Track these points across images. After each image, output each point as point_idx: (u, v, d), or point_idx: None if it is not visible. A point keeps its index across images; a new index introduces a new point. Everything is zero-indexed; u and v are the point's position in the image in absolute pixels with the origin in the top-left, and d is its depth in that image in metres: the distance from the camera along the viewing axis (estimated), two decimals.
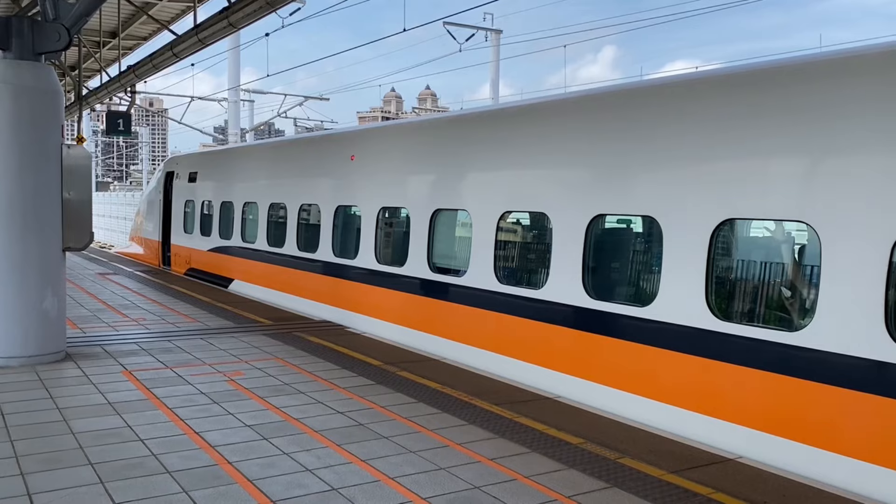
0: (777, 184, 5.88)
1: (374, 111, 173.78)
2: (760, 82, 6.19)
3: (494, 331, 8.60)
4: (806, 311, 5.76)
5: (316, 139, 15.10)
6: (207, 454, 5.44)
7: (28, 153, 7.99)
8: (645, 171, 7.02)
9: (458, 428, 6.18)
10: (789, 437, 5.62)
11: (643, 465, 5.42)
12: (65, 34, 8.28)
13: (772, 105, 6.01)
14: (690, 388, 6.34)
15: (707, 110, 6.56)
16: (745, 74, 6.50)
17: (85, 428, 5.97)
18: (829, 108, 5.63)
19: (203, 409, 6.57)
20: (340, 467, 5.25)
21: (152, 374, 7.81)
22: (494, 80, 28.93)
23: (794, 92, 5.94)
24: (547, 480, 5.08)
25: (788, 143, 5.86)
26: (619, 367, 7.00)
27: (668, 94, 7.11)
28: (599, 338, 7.25)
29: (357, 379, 7.77)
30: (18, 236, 7.97)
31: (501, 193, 8.74)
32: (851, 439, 5.27)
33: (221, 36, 13.19)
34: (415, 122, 13.95)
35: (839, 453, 5.31)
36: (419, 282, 9.94)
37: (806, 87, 5.90)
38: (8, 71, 8.00)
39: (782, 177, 5.88)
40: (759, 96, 6.12)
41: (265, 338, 9.91)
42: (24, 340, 8.05)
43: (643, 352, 6.77)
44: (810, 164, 5.72)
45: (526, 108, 9.20)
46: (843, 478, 5.22)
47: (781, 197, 5.85)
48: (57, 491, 4.72)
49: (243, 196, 15.44)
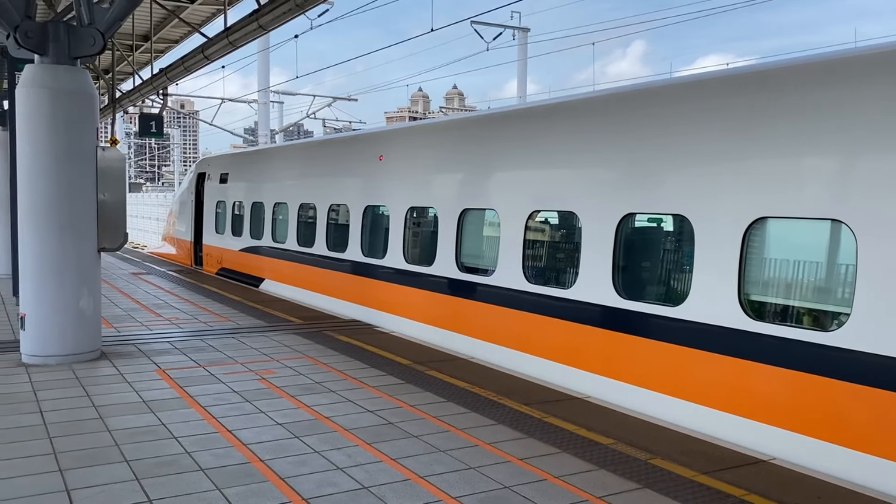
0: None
1: (402, 111, 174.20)
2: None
3: (523, 330, 8.59)
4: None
5: (345, 140, 15.19)
6: (240, 452, 5.51)
7: (65, 155, 8.15)
8: (675, 170, 6.95)
9: (487, 427, 6.19)
10: (829, 440, 5.53)
11: (675, 465, 5.38)
12: (100, 38, 8.42)
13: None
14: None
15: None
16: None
17: (120, 425, 6.08)
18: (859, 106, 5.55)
19: (235, 408, 6.65)
20: (371, 466, 5.28)
21: (185, 372, 7.93)
22: (521, 78, 28.87)
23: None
24: (577, 481, 5.06)
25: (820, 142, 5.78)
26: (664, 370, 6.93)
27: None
28: (632, 338, 7.20)
29: (386, 378, 7.81)
30: (56, 237, 8.13)
31: (529, 192, 8.73)
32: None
33: (252, 38, 13.35)
34: (442, 121, 14.00)
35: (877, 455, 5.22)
36: (447, 281, 9.96)
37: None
38: (45, 75, 8.16)
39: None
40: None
41: (295, 336, 10.00)
42: (61, 339, 8.21)
43: (678, 352, 6.70)
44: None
45: (557, 106, 9.17)
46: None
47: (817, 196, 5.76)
48: (94, 487, 4.82)
49: (273, 197, 15.58)
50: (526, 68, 29.12)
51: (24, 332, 8.24)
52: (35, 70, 8.20)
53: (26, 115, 8.13)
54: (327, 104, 35.53)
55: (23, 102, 8.16)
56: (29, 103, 8.12)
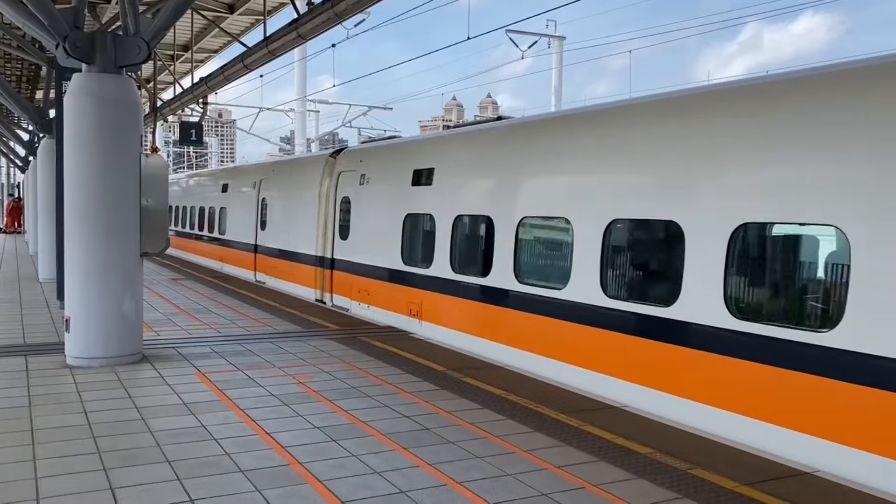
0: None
1: (436, 119, 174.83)
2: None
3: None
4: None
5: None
6: (279, 454, 5.56)
7: (110, 161, 8.33)
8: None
9: (524, 435, 6.16)
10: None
11: (716, 476, 5.30)
12: (144, 48, 8.61)
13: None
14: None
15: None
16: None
17: (162, 427, 6.19)
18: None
19: (274, 411, 6.72)
20: (408, 470, 5.30)
21: (224, 375, 8.03)
22: (558, 86, 28.81)
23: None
24: (616, 489, 5.02)
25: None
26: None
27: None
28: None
29: (422, 384, 7.83)
30: (101, 240, 8.31)
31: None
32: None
33: (291, 47, 13.53)
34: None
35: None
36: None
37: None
38: (92, 83, 8.37)
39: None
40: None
41: (332, 342, 10.07)
42: (105, 342, 8.38)
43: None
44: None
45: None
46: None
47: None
48: (137, 486, 4.90)
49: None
50: (561, 76, 29.06)
51: (68, 334, 8.43)
52: (82, 79, 8.41)
53: (73, 122, 8.35)
54: (363, 113, 35.84)
55: (70, 110, 8.37)
56: (76, 111, 8.33)
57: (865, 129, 5.77)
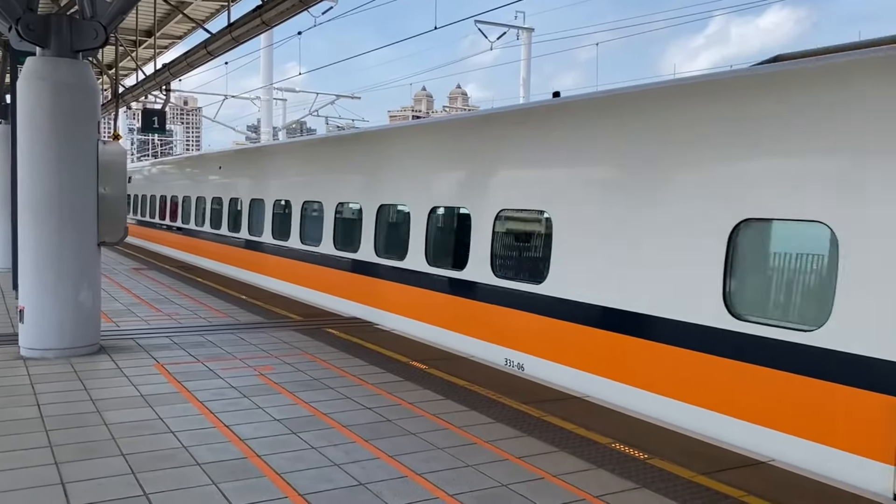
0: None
1: (405, 110, 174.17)
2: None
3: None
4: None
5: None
6: (237, 447, 5.49)
7: (65, 149, 8.13)
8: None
9: (485, 426, 6.16)
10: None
11: (673, 465, 5.35)
12: (102, 32, 8.41)
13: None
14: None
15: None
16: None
17: (118, 419, 6.07)
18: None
19: (233, 403, 6.63)
20: (368, 462, 5.26)
21: (184, 367, 7.91)
22: (526, 77, 28.84)
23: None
24: (575, 479, 5.04)
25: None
26: None
27: None
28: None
29: (385, 375, 7.79)
30: (55, 230, 8.11)
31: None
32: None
33: (255, 34, 13.32)
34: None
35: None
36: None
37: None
38: (46, 67, 8.15)
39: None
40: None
41: (295, 333, 9.98)
42: (59, 333, 8.20)
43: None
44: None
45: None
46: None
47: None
48: (90, 480, 4.80)
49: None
50: (530, 68, 29.07)
51: (22, 325, 8.23)
52: (36, 62, 8.18)
53: (27, 107, 8.12)
54: (330, 102, 35.53)
55: (24, 95, 8.15)
56: (30, 96, 8.11)
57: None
